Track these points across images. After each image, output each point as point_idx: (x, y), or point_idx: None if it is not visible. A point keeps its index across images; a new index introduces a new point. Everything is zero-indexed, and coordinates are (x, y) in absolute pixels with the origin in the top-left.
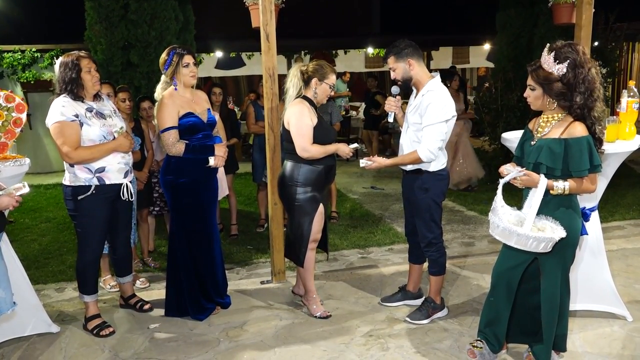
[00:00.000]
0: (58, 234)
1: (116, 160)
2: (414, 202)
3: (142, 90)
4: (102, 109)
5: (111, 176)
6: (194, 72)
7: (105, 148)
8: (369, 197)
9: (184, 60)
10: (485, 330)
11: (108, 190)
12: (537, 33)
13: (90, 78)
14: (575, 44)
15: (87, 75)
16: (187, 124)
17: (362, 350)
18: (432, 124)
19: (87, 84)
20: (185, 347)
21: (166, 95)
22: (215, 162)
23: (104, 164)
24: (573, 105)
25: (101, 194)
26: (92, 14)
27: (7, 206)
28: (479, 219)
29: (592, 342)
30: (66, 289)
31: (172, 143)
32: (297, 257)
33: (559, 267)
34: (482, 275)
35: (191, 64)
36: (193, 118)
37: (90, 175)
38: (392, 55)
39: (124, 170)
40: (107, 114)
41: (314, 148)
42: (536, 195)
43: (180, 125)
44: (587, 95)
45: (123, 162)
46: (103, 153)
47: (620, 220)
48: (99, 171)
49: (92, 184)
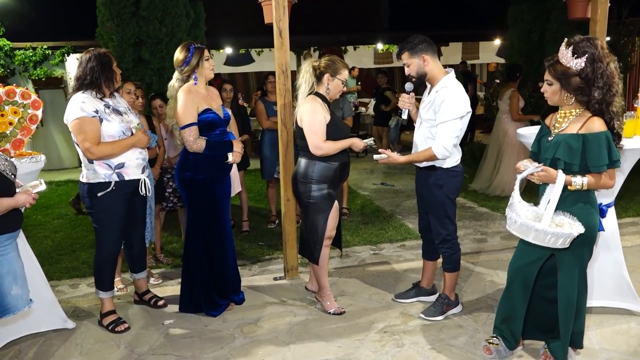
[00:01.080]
0: (71, 231)
1: (134, 156)
2: (428, 198)
3: (154, 87)
4: (117, 106)
5: (130, 172)
6: (213, 66)
7: (125, 143)
8: (379, 193)
9: (205, 54)
10: (501, 326)
11: (127, 186)
12: (549, 28)
13: (114, 75)
14: (594, 39)
15: (109, 72)
16: (207, 120)
17: (377, 346)
18: (447, 120)
19: (108, 81)
20: (200, 343)
21: (185, 91)
22: (234, 159)
23: (124, 160)
24: (591, 100)
25: (120, 190)
26: (104, 11)
27: (24, 203)
28: (491, 215)
29: (609, 338)
30: (80, 285)
31: (193, 139)
32: (312, 254)
33: (576, 263)
34: (496, 272)
35: (210, 57)
36: (212, 114)
37: (110, 172)
38: (407, 51)
39: (142, 165)
40: (123, 111)
41: (327, 145)
42: (555, 190)
43: (199, 122)
44: (606, 90)
45: (141, 158)
46: (123, 148)
47: (634, 217)
48: (119, 167)
49: (112, 180)
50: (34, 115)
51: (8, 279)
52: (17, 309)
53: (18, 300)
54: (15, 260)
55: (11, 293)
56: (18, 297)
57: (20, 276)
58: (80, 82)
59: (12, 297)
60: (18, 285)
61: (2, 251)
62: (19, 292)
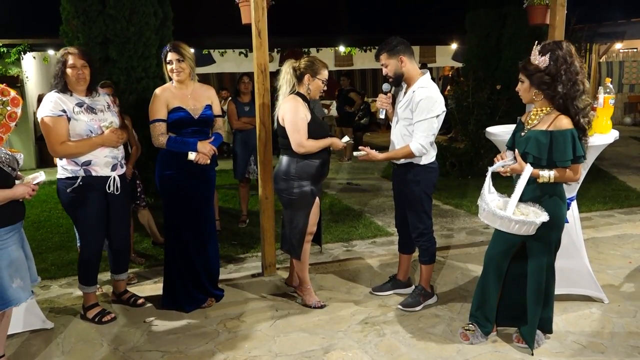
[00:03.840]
0: (34, 233)
1: (103, 154)
2: (406, 194)
3: (121, 86)
4: (94, 104)
5: (98, 169)
6: (178, 69)
7: (91, 142)
8: (346, 192)
9: (167, 57)
10: (476, 313)
11: (95, 182)
12: (506, 33)
13: (73, 73)
14: (561, 41)
15: (69, 70)
16: (174, 118)
17: (360, 336)
18: (423, 119)
19: (69, 80)
20: (184, 339)
21: (158, 89)
22: (197, 158)
23: (91, 158)
24: (555, 95)
25: (89, 186)
26: (69, 8)
27: (22, 195)
28: (455, 212)
29: (574, 322)
30: (51, 286)
31: (155, 135)
32: (294, 249)
33: (544, 251)
34: (466, 265)
35: (174, 61)
36: (181, 113)
37: (77, 167)
38: (385, 52)
39: (112, 163)
40: (99, 109)
41: (309, 143)
42: (520, 181)
43: (169, 119)
44: (570, 86)
45: (110, 156)
46: (89, 147)
47: (586, 212)
48: (85, 164)
49: (78, 176)
50: (13, 112)
51: (9, 271)
52: (18, 301)
53: (20, 292)
54: (16, 253)
55: (12, 286)
56: (20, 289)
57: (21, 269)
58: (53, 82)
59: (14, 290)
60: (19, 277)
61: (2, 245)
62: (20, 284)
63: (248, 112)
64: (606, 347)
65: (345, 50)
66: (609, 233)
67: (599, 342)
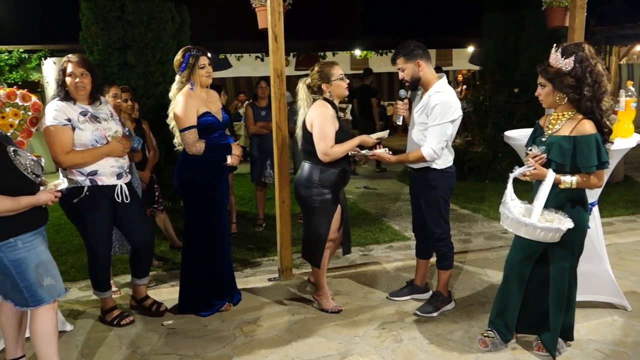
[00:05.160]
0: (54, 235)
1: (109, 164)
2: (423, 199)
3: (139, 91)
4: (97, 113)
5: (104, 179)
6: (209, 73)
7: (97, 152)
8: (363, 196)
9: (200, 61)
10: (496, 320)
11: (102, 191)
12: (523, 36)
13: (71, 82)
14: (581, 43)
15: (68, 78)
16: (206, 123)
17: (377, 342)
18: (438, 123)
19: (69, 89)
20: (202, 343)
21: (185, 95)
22: (232, 161)
23: (97, 167)
24: (582, 98)
25: (95, 195)
26: (89, 15)
27: (46, 201)
28: (472, 216)
29: (596, 330)
30: (71, 289)
31: (192, 142)
32: (314, 257)
33: (567, 258)
34: (484, 270)
35: (207, 64)
36: (210, 117)
37: (83, 177)
38: (402, 56)
39: (117, 172)
40: (103, 118)
41: (334, 149)
42: (543, 187)
43: (198, 124)
44: (596, 88)
45: (117, 166)
46: (95, 157)
47: (608, 217)
48: (91, 174)
49: (85, 186)
50: (35, 117)
51: (39, 271)
52: (50, 298)
53: (51, 290)
54: (43, 253)
55: (43, 284)
56: (51, 287)
57: (51, 268)
58: (56, 90)
59: (45, 289)
60: (50, 275)
61: (28, 246)
62: (52, 282)
63: (264, 116)
64: (629, 356)
65: (361, 54)
66: (631, 239)
67: (622, 351)
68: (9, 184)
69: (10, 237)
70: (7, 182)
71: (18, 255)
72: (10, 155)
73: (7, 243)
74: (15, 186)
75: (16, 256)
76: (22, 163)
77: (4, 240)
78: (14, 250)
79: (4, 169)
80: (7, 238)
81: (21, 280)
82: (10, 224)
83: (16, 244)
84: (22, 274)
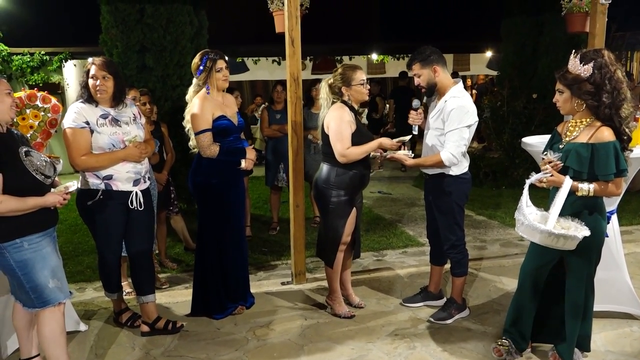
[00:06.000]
0: (71, 236)
1: (125, 169)
2: (437, 205)
3: (157, 94)
4: (119, 116)
5: (119, 184)
6: (226, 76)
7: (112, 157)
8: (378, 201)
9: (217, 65)
10: (510, 329)
11: (116, 197)
12: (542, 41)
13: (92, 84)
14: (600, 49)
15: (90, 80)
16: (221, 126)
17: (390, 348)
18: (455, 128)
19: (91, 91)
20: (214, 346)
21: (200, 98)
22: (246, 165)
23: (112, 172)
24: (601, 104)
25: (109, 200)
26: (109, 18)
27: (54, 203)
28: (488, 223)
29: (614, 341)
30: (87, 289)
31: (207, 145)
32: (328, 257)
33: (584, 267)
34: (499, 277)
35: (224, 68)
36: (226, 121)
37: (99, 181)
38: (418, 62)
39: (134, 179)
40: (124, 121)
41: (351, 151)
42: (560, 194)
43: (214, 128)
44: (615, 95)
45: (133, 172)
46: (110, 162)
47: (627, 226)
48: (107, 178)
49: (99, 189)
50: (54, 119)
51: (44, 273)
52: (56, 300)
53: (57, 292)
54: (50, 255)
55: (49, 286)
56: (57, 289)
57: (58, 270)
58: (79, 91)
59: (51, 290)
60: (56, 278)
61: (35, 248)
62: (57, 284)
63: (279, 119)
64: None
65: (377, 58)
66: None
67: None
68: (17, 184)
69: (16, 238)
70: (15, 182)
71: (24, 256)
72: (21, 155)
73: (13, 244)
74: (23, 186)
75: (22, 257)
76: (32, 163)
77: (10, 241)
78: (19, 251)
79: (14, 169)
80: (13, 239)
81: (27, 281)
82: (17, 224)
83: (22, 244)
84: (28, 275)
